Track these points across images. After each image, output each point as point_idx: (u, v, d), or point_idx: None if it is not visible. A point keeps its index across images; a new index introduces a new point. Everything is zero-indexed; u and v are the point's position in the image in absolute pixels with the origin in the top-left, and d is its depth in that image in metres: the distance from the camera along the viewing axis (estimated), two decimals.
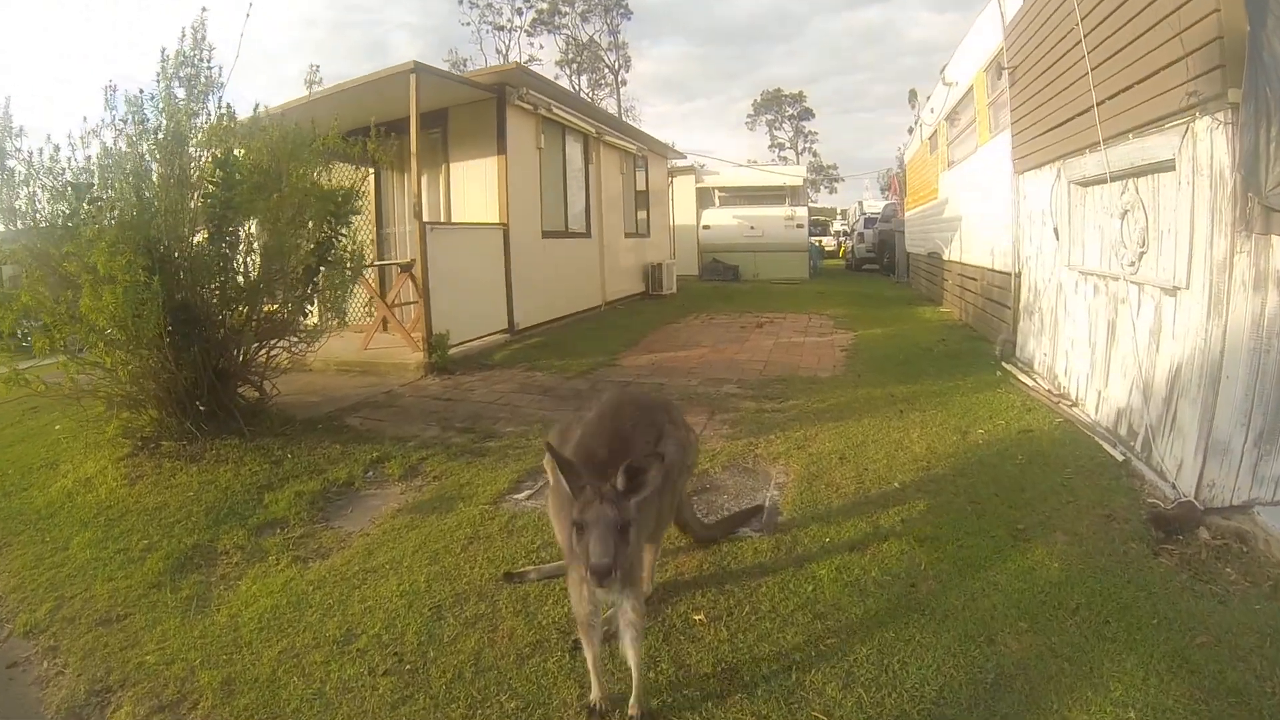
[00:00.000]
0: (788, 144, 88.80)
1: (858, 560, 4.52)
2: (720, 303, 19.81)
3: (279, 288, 7.55)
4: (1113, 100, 6.24)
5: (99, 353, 6.49)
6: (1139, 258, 5.94)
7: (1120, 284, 6.34)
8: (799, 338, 13.48)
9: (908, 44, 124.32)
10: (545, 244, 14.52)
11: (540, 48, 73.44)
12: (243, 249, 7.43)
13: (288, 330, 7.78)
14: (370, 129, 8.43)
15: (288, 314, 7.69)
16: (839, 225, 50.44)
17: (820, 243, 39.41)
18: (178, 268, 6.79)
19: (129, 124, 6.91)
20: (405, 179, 13.16)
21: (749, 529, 4.97)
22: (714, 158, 32.05)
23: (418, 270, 10.65)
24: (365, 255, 8.62)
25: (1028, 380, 8.66)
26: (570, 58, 74.65)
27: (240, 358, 7.36)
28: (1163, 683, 3.27)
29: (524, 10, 72.70)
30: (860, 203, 44.92)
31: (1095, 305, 7.00)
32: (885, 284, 26.42)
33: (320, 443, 6.90)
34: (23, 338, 6.54)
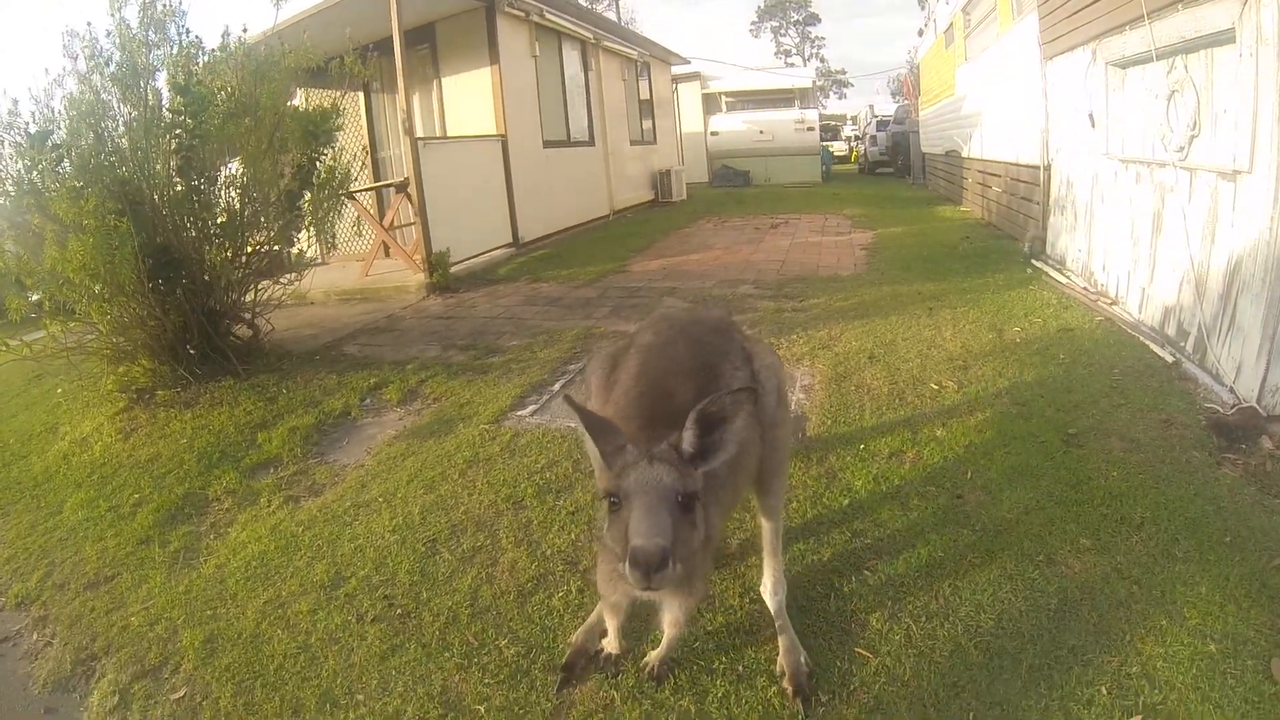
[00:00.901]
0: (794, 50, 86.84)
1: (896, 469, 4.22)
2: (732, 207, 19.44)
3: (262, 218, 7.23)
4: None
5: (82, 307, 6.21)
6: (1189, 142, 5.43)
7: (1168, 171, 5.83)
8: (816, 237, 13.16)
9: None
10: (547, 154, 14.15)
11: None
12: (222, 181, 7.13)
13: (276, 262, 7.46)
14: (351, 50, 8.08)
15: (274, 245, 7.39)
16: (849, 130, 49.57)
17: (831, 148, 38.77)
18: (153, 209, 6.48)
19: (79, 60, 6.53)
20: (396, 99, 12.79)
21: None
22: (719, 61, 31.39)
23: (413, 190, 10.34)
24: (351, 174, 8.27)
25: (1061, 278, 8.26)
26: None
27: (229, 296, 7.08)
28: (1242, 610, 2.96)
29: None
30: (871, 106, 44.09)
31: (1138, 196, 6.53)
32: (901, 185, 25.75)
33: (316, 374, 6.65)
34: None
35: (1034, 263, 9.24)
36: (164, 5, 6.84)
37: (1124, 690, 2.65)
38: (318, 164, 7.54)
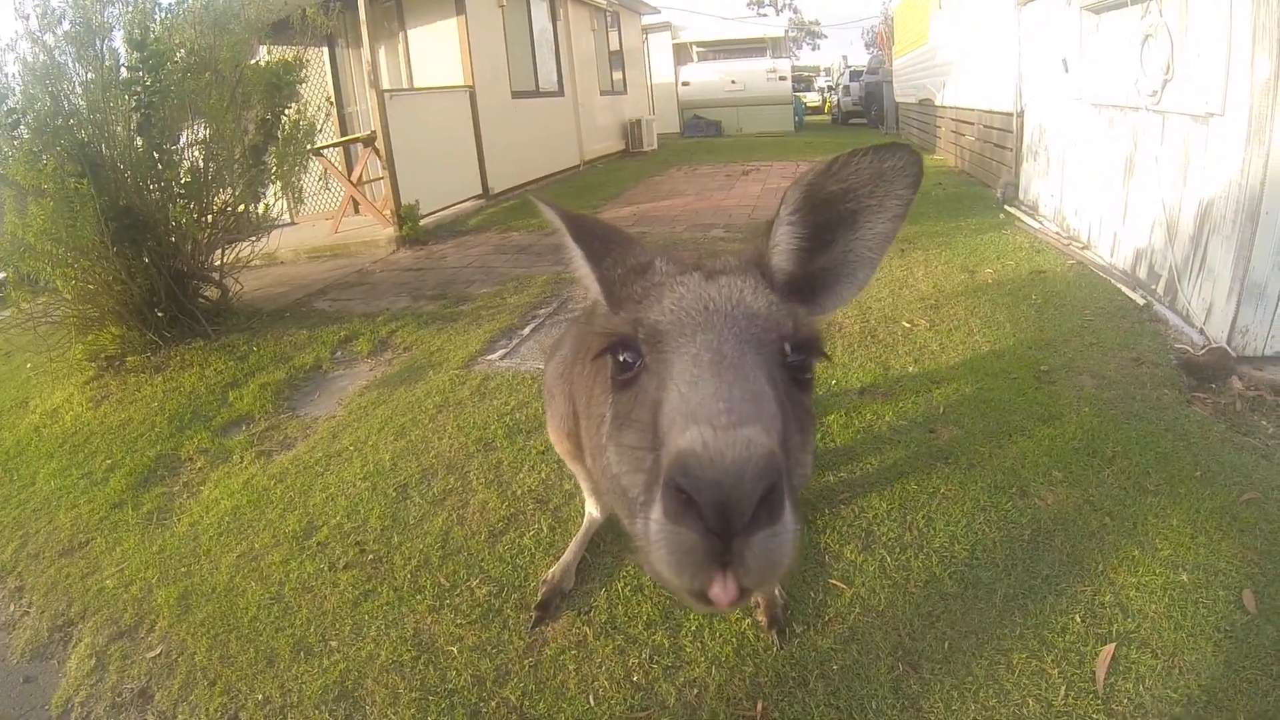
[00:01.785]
0: (767, 0, 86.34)
1: (869, 405, 4.23)
2: (704, 155, 19.27)
3: (227, 175, 7.12)
4: None
5: (46, 274, 6.11)
6: (1162, 86, 5.40)
7: (1141, 115, 5.80)
8: (788, 183, 12.92)
9: None
10: (516, 105, 13.99)
11: None
12: (185, 141, 6.99)
13: (244, 222, 7.37)
14: (313, 2, 7.95)
15: (240, 203, 7.28)
16: (823, 81, 49.35)
17: (804, 99, 38.64)
18: (114, 170, 6.35)
19: (31, 20, 6.39)
20: (361, 53, 12.65)
21: None
22: (690, 11, 31.19)
23: (381, 143, 10.19)
24: (316, 127, 8.17)
25: (1034, 222, 8.28)
26: None
27: (196, 257, 6.98)
28: (1212, 542, 2.99)
29: None
30: (844, 57, 43.91)
31: (1110, 141, 6.49)
32: (874, 135, 25.53)
33: (287, 331, 6.59)
34: None
35: (1007, 208, 9.23)
36: None
37: (1098, 619, 2.68)
38: (282, 118, 7.43)
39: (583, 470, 2.72)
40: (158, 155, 6.64)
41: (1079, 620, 2.67)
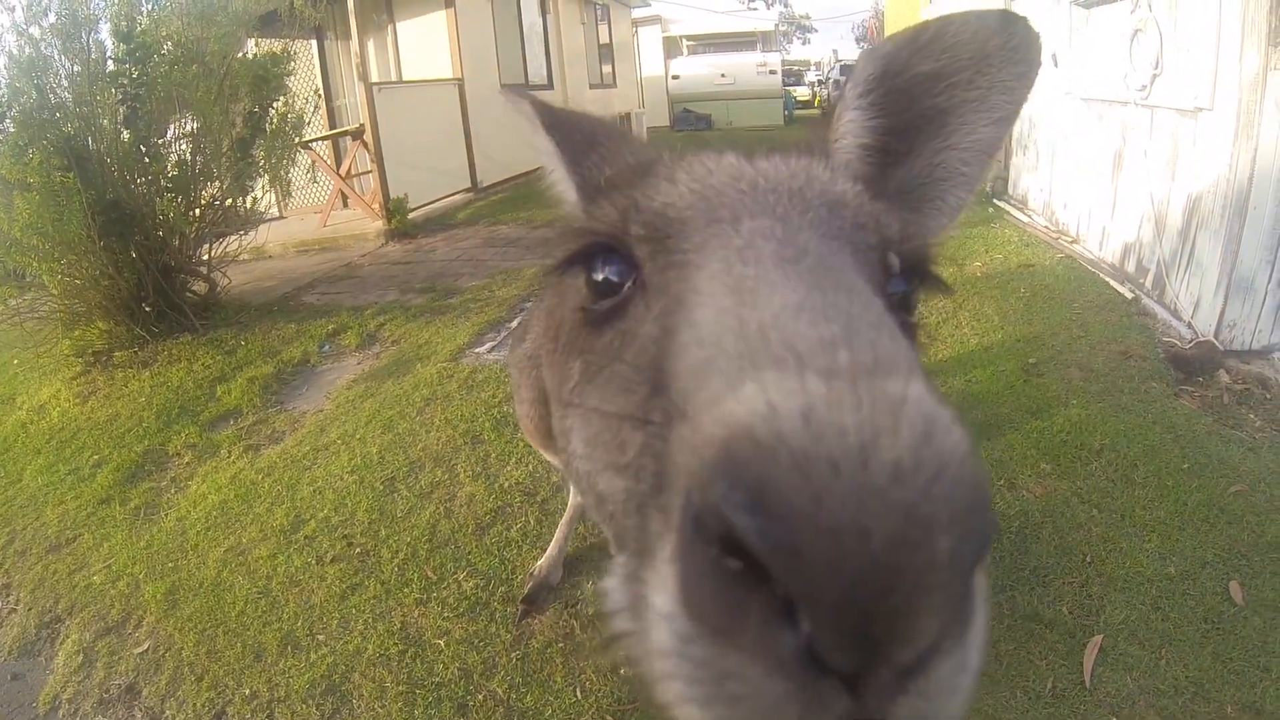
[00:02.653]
0: None
1: None
2: (694, 148, 19.11)
3: (214, 168, 7.09)
4: None
5: (33, 269, 6.10)
6: (1151, 80, 5.41)
7: (1130, 110, 5.82)
8: None
9: None
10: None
11: None
12: (172, 134, 6.97)
13: (232, 216, 7.35)
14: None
15: (228, 196, 7.26)
16: (813, 75, 49.45)
17: (794, 93, 38.74)
18: (101, 164, 6.32)
19: (16, 12, 6.36)
20: (350, 45, 12.63)
21: None
22: (680, 4, 31.13)
23: (369, 137, 10.20)
24: (304, 119, 8.15)
25: (1023, 216, 8.30)
26: None
27: (184, 251, 6.96)
28: (1199, 534, 3.01)
29: None
30: (835, 51, 44.07)
31: (1100, 134, 6.51)
32: None
33: (275, 325, 6.58)
34: None
35: (996, 202, 9.25)
36: None
37: (1086, 610, 2.69)
38: (270, 111, 7.40)
39: (560, 459, 2.60)
40: (144, 148, 6.61)
41: (1067, 612, 2.68)
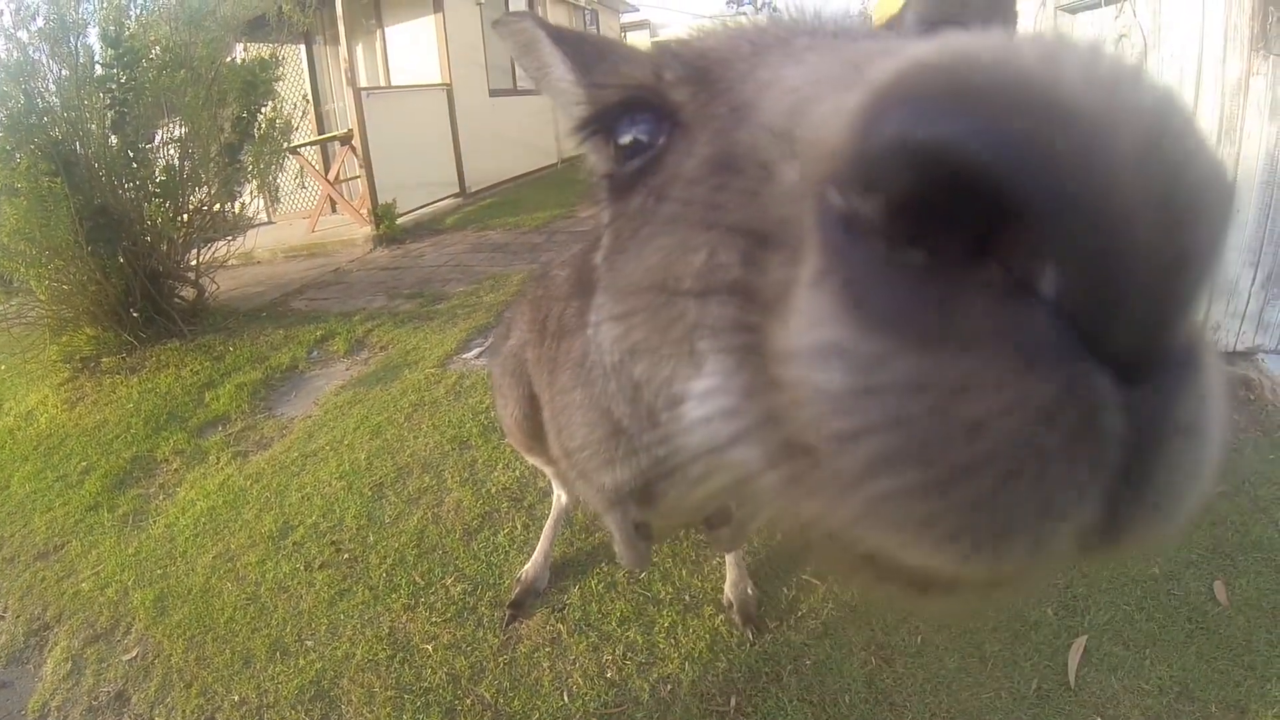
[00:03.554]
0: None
1: None
2: None
3: (203, 173, 7.08)
4: None
5: (19, 275, 6.09)
6: None
7: None
8: None
9: None
10: (493, 102, 13.96)
11: None
12: (160, 139, 6.96)
13: (220, 221, 7.34)
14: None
15: (216, 201, 7.25)
16: None
17: None
18: (89, 169, 6.31)
19: (3, 16, 6.35)
20: (339, 50, 12.64)
21: None
22: (668, 9, 31.15)
23: (358, 142, 10.20)
24: (293, 125, 8.15)
25: None
26: None
27: (172, 257, 6.95)
28: (1184, 534, 2.98)
29: None
30: None
31: None
32: None
33: (263, 331, 6.57)
34: None
35: None
36: None
37: (1071, 611, 2.70)
38: (258, 116, 7.39)
39: (547, 461, 2.42)
40: (132, 154, 6.58)
41: (1051, 613, 2.69)
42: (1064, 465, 0.39)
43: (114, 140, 6.51)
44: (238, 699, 2.75)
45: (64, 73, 6.32)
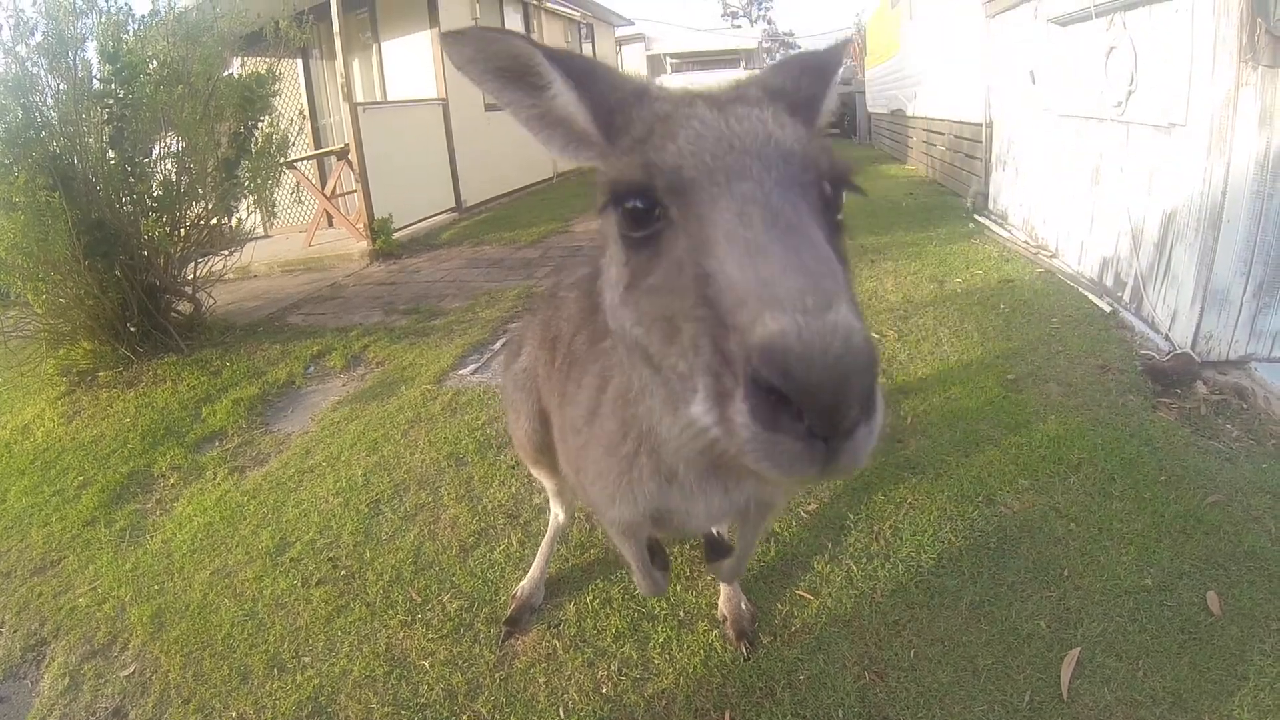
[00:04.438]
0: (741, 11, 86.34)
1: None
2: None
3: (200, 188, 7.09)
4: None
5: (17, 288, 6.08)
6: (1127, 97, 5.47)
7: (1106, 126, 5.88)
8: None
9: None
10: (489, 117, 13.92)
11: None
12: (157, 153, 6.95)
13: (217, 235, 7.35)
14: (287, 14, 7.93)
15: (213, 216, 7.26)
16: None
17: None
18: (86, 183, 6.32)
19: (3, 31, 6.35)
20: (335, 65, 12.66)
21: None
22: (663, 23, 31.33)
23: (354, 156, 10.22)
24: (289, 141, 8.16)
25: (1003, 232, 8.33)
26: None
27: (169, 271, 6.95)
28: (1176, 545, 3.04)
29: None
30: None
31: (1078, 150, 6.57)
32: (847, 145, 25.57)
33: (260, 346, 6.58)
34: None
35: (977, 218, 9.30)
36: None
37: (1064, 623, 2.72)
38: (255, 131, 7.40)
39: (551, 475, 2.68)
40: (130, 168, 6.58)
41: (1044, 626, 2.71)
42: (806, 456, 0.93)
43: (112, 155, 6.51)
44: (235, 715, 2.75)
45: (62, 87, 6.33)
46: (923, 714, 2.44)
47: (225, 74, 7.38)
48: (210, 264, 7.43)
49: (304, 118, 12.96)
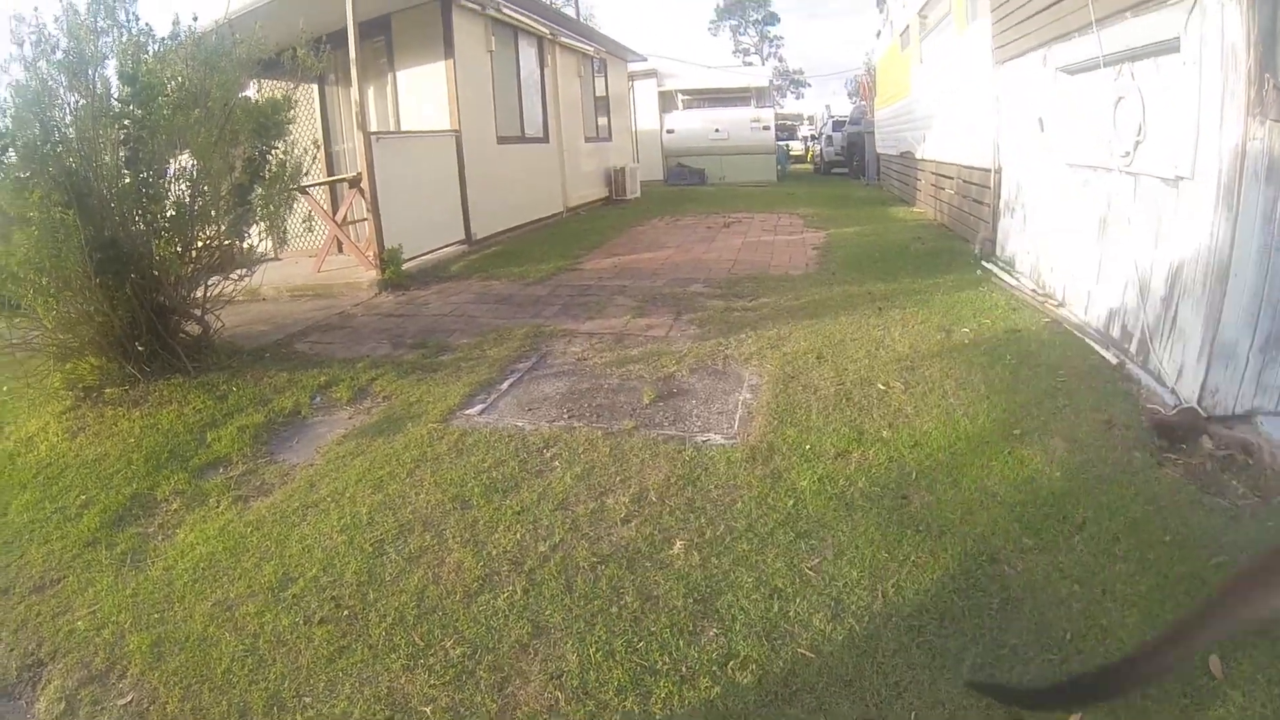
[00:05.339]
0: (752, 49, 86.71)
1: (842, 469, 4.26)
2: (686, 205, 19.51)
3: (212, 211, 7.13)
4: None
5: (27, 302, 6.09)
6: (1134, 147, 5.51)
7: (1113, 176, 5.91)
8: (768, 236, 13.33)
9: None
10: (501, 150, 14.10)
11: None
12: (171, 174, 6.98)
13: (227, 258, 7.37)
14: (304, 41, 7.98)
15: (224, 239, 7.32)
16: (806, 130, 49.89)
17: (787, 147, 39.11)
18: (101, 201, 6.34)
19: (25, 46, 6.40)
20: (350, 93, 12.72)
21: None
22: (676, 59, 31.43)
23: (366, 185, 10.25)
24: (303, 168, 8.20)
25: (1010, 279, 8.34)
26: None
27: (178, 292, 6.96)
28: (1181, 607, 3.02)
29: None
30: (828, 106, 44.83)
31: (1085, 199, 6.59)
32: (855, 186, 25.97)
33: (267, 372, 6.59)
34: None
35: (984, 264, 9.31)
36: None
37: None
38: (269, 157, 7.44)
39: None
40: (144, 189, 6.64)
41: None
42: None
43: (126, 174, 6.56)
44: None
45: (80, 103, 6.39)
46: None
47: (241, 96, 7.42)
48: (220, 286, 7.44)
49: (318, 149, 13.04)
